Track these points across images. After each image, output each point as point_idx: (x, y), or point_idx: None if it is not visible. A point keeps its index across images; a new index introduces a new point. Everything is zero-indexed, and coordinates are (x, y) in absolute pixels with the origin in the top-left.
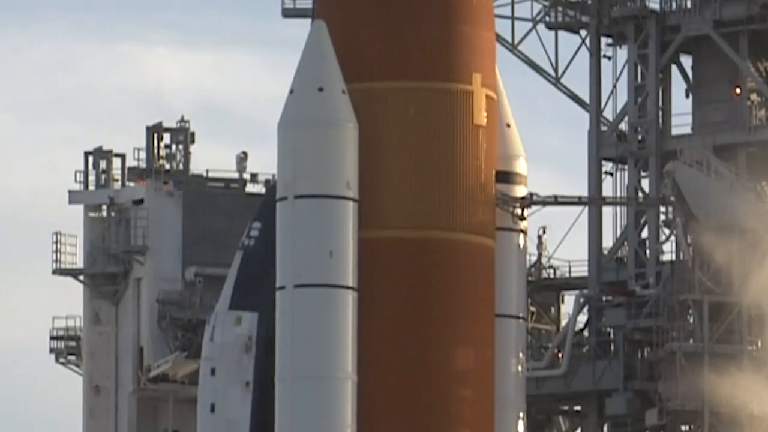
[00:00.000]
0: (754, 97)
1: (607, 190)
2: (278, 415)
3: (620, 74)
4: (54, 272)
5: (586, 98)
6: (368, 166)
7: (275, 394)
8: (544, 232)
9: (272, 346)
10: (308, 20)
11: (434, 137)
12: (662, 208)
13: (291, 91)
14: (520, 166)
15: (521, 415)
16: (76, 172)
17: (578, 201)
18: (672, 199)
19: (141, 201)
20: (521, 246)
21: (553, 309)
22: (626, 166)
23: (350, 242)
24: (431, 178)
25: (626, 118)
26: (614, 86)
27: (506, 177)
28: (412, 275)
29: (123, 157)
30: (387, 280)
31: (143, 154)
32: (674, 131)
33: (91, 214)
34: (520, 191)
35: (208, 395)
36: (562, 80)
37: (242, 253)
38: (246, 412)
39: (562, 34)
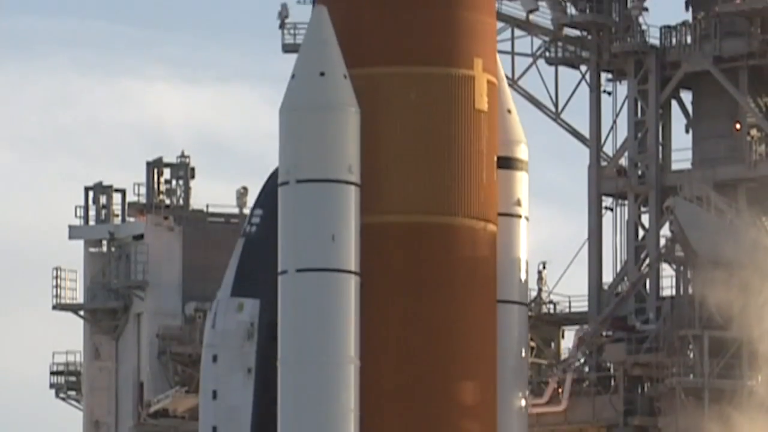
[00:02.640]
0: (754, 132)
1: (607, 225)
2: (281, 399)
3: (620, 109)
4: (54, 307)
5: (587, 133)
6: (369, 152)
7: (277, 380)
8: (544, 267)
9: (274, 333)
10: None
11: (436, 122)
12: (662, 243)
13: (293, 76)
14: (522, 152)
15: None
16: (76, 208)
17: None
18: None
19: (141, 236)
20: (523, 231)
21: (553, 344)
22: (626, 202)
23: (352, 226)
24: (433, 163)
25: (626, 154)
26: (614, 121)
27: (507, 162)
28: (413, 260)
29: (123, 192)
30: (388, 265)
31: (143, 189)
32: (674, 166)
33: (92, 250)
34: (521, 177)
35: (209, 382)
36: (562, 115)
37: (244, 240)
38: (248, 398)
39: (562, 69)
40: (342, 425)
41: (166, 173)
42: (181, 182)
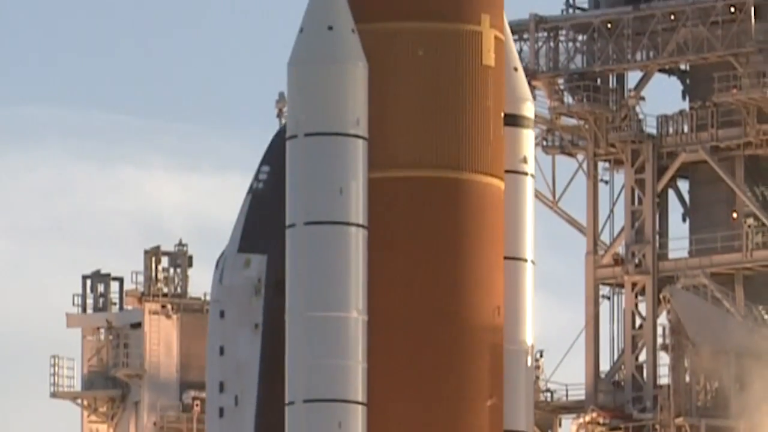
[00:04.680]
0: (750, 221)
1: (604, 313)
2: (288, 353)
3: (617, 198)
4: (52, 395)
5: (584, 221)
6: (377, 107)
7: (284, 335)
8: (541, 355)
9: (281, 289)
10: None
11: (443, 78)
12: (659, 332)
13: (300, 30)
14: (528, 110)
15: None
16: (74, 296)
17: None
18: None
19: (139, 324)
20: (530, 189)
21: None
22: (623, 290)
23: (360, 180)
24: (440, 118)
25: (623, 242)
26: (611, 210)
27: (514, 120)
28: (421, 214)
29: (121, 280)
30: (396, 220)
31: (141, 278)
32: (671, 255)
33: (89, 338)
34: (527, 135)
35: (216, 338)
36: (560, 203)
37: (250, 196)
38: (255, 353)
39: (559, 157)
40: (350, 378)
41: (164, 261)
42: (178, 270)
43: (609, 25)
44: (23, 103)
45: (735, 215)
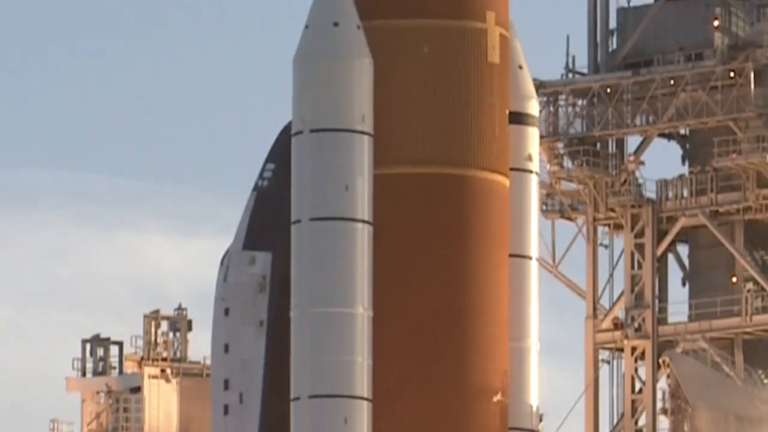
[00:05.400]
0: (750, 285)
1: (604, 377)
2: (294, 348)
3: (617, 262)
4: None
5: (583, 286)
6: (383, 104)
7: (289, 332)
8: (540, 420)
9: (286, 286)
10: None
11: (448, 75)
12: (659, 396)
13: (306, 26)
14: (532, 108)
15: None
16: (73, 360)
17: None
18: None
19: (138, 388)
20: (534, 187)
21: None
22: (623, 354)
23: (366, 176)
24: (445, 115)
25: (623, 306)
26: (611, 274)
27: (519, 118)
28: (426, 211)
29: (120, 344)
30: (401, 216)
31: (141, 342)
32: (671, 319)
33: (89, 402)
34: (532, 132)
35: (221, 336)
36: (560, 267)
37: (255, 194)
38: (260, 350)
39: (558, 222)
40: (355, 374)
41: (164, 325)
42: (178, 334)
43: (608, 90)
44: (22, 167)
45: (734, 280)
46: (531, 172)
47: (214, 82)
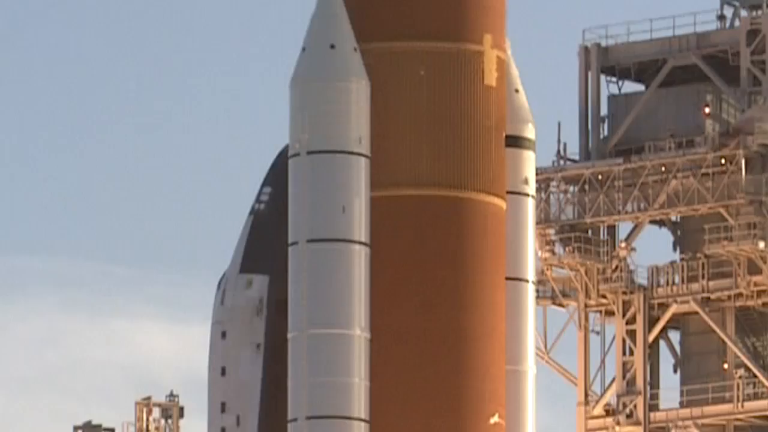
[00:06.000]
0: (741, 372)
1: None
2: (291, 370)
3: (608, 348)
4: None
5: (575, 372)
6: (379, 126)
7: (286, 355)
8: None
9: (283, 309)
10: None
11: (445, 97)
12: None
13: (303, 49)
14: (529, 131)
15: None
16: None
17: None
18: None
19: None
20: (531, 210)
21: None
22: None
23: (363, 197)
24: (442, 137)
25: (614, 393)
26: (602, 361)
27: (515, 141)
28: (422, 232)
29: (112, 431)
30: (398, 238)
31: (132, 429)
32: (662, 405)
33: None
34: (528, 156)
35: (218, 358)
36: (551, 354)
37: (252, 217)
38: (257, 373)
39: (550, 308)
40: (353, 396)
41: (155, 412)
42: (170, 421)
43: (600, 177)
44: (12, 254)
45: (726, 366)
46: (527, 195)
47: (204, 164)
